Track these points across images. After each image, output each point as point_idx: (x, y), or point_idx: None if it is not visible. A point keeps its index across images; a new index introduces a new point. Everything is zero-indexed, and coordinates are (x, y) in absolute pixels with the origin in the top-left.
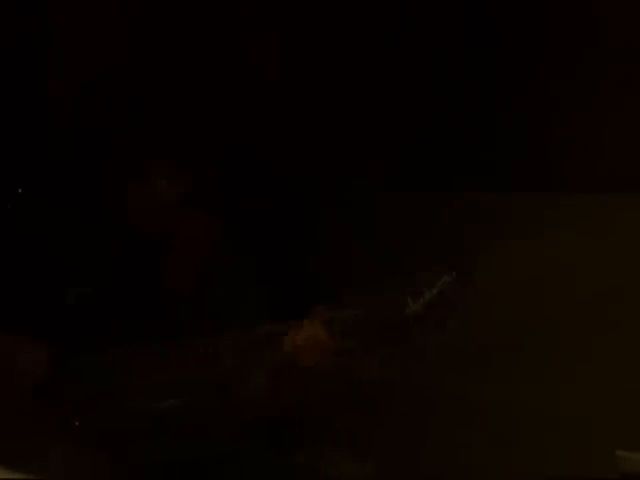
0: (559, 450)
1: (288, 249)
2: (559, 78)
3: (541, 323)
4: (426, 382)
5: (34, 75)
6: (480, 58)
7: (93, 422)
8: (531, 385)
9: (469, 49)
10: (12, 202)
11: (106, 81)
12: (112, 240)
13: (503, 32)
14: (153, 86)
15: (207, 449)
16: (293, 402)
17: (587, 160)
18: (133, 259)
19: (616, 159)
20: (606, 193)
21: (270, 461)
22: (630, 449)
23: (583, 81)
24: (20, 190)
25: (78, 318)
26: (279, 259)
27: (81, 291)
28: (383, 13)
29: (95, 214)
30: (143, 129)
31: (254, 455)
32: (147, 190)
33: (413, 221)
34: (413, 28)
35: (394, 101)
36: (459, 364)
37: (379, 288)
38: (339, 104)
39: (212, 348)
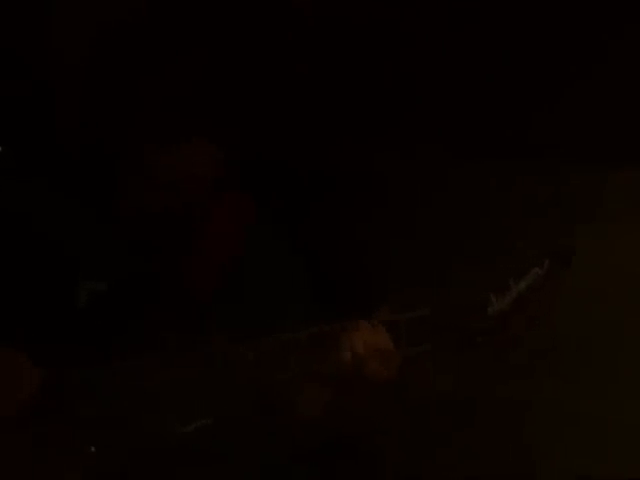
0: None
1: (335, 238)
2: None
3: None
4: (511, 396)
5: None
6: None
7: (104, 446)
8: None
9: None
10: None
11: (124, 37)
12: (130, 229)
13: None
14: (177, 49)
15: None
16: (349, 421)
17: None
18: (156, 248)
19: None
20: None
21: None
22: None
23: None
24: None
25: (88, 320)
26: (324, 249)
27: (93, 287)
28: None
29: (108, 200)
30: (170, 97)
31: None
32: (176, 164)
33: (489, 201)
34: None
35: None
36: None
37: (452, 282)
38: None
39: (250, 353)
